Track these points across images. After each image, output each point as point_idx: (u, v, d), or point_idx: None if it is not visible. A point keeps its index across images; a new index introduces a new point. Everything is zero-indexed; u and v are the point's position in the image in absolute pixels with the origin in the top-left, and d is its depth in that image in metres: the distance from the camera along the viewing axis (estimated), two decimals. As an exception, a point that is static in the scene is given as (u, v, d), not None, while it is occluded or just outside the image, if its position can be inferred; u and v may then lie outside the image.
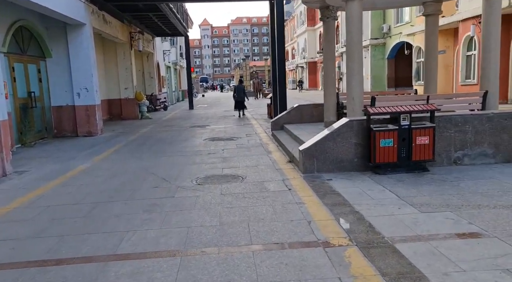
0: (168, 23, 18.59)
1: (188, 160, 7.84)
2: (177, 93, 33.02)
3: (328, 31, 9.15)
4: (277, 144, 9.18)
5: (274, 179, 5.86)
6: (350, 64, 6.96)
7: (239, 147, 9.17)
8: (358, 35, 6.91)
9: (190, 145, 9.80)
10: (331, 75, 9.28)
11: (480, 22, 16.66)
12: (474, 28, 16.67)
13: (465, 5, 17.60)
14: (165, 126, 14.33)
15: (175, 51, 31.83)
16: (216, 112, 20.18)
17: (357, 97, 6.98)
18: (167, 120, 16.93)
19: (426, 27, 9.16)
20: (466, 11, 17.26)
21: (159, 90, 23.88)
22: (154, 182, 6.04)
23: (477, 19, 16.66)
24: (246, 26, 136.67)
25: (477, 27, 16.66)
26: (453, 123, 5.88)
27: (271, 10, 13.18)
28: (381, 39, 28.85)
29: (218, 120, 15.98)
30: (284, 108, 12.15)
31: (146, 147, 9.78)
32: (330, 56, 9.24)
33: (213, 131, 12.23)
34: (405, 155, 5.65)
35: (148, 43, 21.02)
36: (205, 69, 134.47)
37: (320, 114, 10.35)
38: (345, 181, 5.52)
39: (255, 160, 7.51)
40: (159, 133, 12.43)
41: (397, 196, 4.65)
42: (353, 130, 5.95)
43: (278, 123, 10.60)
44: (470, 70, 17.77)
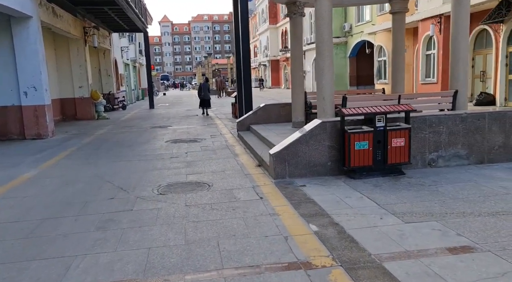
0: (126, 18, 17.63)
1: (148, 165, 7.24)
2: (137, 91, 31.79)
3: (295, 27, 8.81)
4: (244, 146, 8.74)
5: (244, 186, 5.42)
6: (320, 63, 6.64)
7: (204, 149, 8.66)
8: (328, 32, 6.60)
9: (151, 147, 9.16)
10: (298, 74, 8.95)
11: (439, 22, 17.10)
12: (433, 28, 16.99)
13: (424, 5, 17.94)
14: (124, 127, 13.52)
15: (134, 48, 30.59)
16: (178, 112, 19.44)
17: (328, 97, 6.67)
18: (126, 120, 16.05)
19: (393, 25, 9.04)
20: (425, 11, 17.57)
21: (117, 88, 22.76)
22: (110, 192, 5.42)
23: (435, 18, 17.01)
24: (207, 23, 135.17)
25: (436, 27, 17.02)
26: (428, 124, 5.69)
27: (234, 7, 12.70)
28: (342, 37, 29.10)
29: (181, 120, 15.32)
30: (249, 108, 11.73)
31: (102, 150, 9.03)
32: (298, 54, 8.91)
33: (176, 133, 11.61)
34: (380, 158, 5.39)
35: (104, 39, 19.91)
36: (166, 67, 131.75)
37: (287, 114, 10.02)
38: (319, 187, 5.17)
39: (222, 164, 7.03)
40: (117, 135, 11.65)
41: (377, 203, 4.35)
42: (327, 132, 5.62)
43: (244, 123, 10.17)
44: (430, 69, 18.14)
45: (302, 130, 5.80)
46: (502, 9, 12.69)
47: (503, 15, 12.79)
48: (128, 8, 14.59)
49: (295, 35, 8.84)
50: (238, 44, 12.64)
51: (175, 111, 19.72)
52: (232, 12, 53.61)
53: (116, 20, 18.03)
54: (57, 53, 16.01)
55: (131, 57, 28.96)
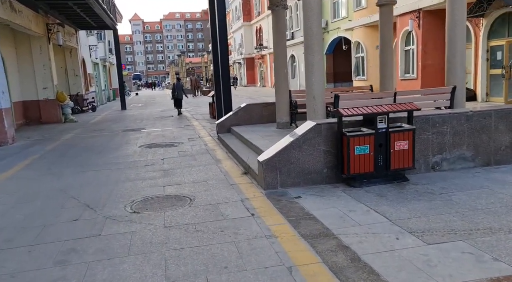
0: (93, 14, 16.54)
1: (120, 175, 6.45)
2: (107, 92, 30.46)
3: (278, 21, 8.19)
4: (226, 150, 8.05)
5: (231, 199, 4.75)
6: (309, 58, 6.04)
7: (182, 155, 7.92)
8: (317, 24, 6.01)
9: (123, 154, 8.34)
10: (282, 71, 8.34)
11: (418, 17, 16.88)
12: (412, 23, 16.75)
13: (402, 0, 17.69)
14: (93, 131, 12.56)
15: (103, 46, 29.24)
16: (152, 113, 18.51)
17: (319, 96, 6.08)
18: (96, 123, 15.03)
19: (381, 18, 8.56)
20: (403, 5, 17.31)
21: (86, 89, 21.55)
22: (74, 211, 4.64)
23: (414, 13, 16.78)
24: (179, 21, 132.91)
25: (415, 22, 16.79)
26: (431, 124, 5.18)
27: (210, 3, 11.96)
28: (319, 34, 28.70)
29: (155, 121, 14.45)
30: (229, 108, 11.04)
31: (67, 158, 8.15)
32: (281, 50, 8.30)
33: (150, 136, 10.79)
34: (382, 164, 4.83)
35: (70, 37, 18.72)
36: (138, 66, 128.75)
37: (270, 115, 9.40)
38: (317, 198, 4.56)
39: (203, 172, 6.33)
40: (85, 140, 10.72)
41: (387, 218, 3.78)
42: (322, 135, 5.02)
43: (225, 125, 9.48)
44: (409, 65, 17.93)
45: (293, 134, 5.18)
46: (483, 3, 12.49)
47: (484, 9, 12.61)
48: (94, 2, 13.59)
49: (277, 29, 8.22)
50: (215, 41, 11.91)
51: (148, 112, 18.77)
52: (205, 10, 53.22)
53: (83, 16, 16.91)
54: (18, 52, 14.79)
55: (101, 56, 27.65)
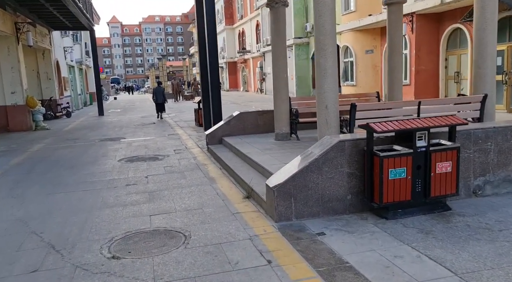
0: (67, 13, 15.30)
1: (96, 198, 5.39)
2: (84, 96, 28.93)
3: (277, 20, 7.29)
4: (219, 165, 7.07)
5: (237, 237, 3.79)
6: (321, 62, 5.16)
7: (169, 171, 6.90)
8: (331, 21, 5.16)
9: (100, 170, 7.25)
10: (282, 76, 7.43)
11: (411, 21, 16.34)
12: (405, 27, 16.17)
13: (394, 4, 17.14)
14: (67, 141, 11.35)
15: (80, 48, 27.80)
16: (132, 119, 17.31)
17: (332, 105, 5.21)
18: (70, 131, 13.78)
19: (389, 19, 7.78)
20: (396, 9, 16.77)
21: (61, 93, 20.15)
22: (34, 255, 3.59)
23: (407, 17, 16.22)
24: (159, 25, 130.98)
25: (408, 26, 16.24)
26: (473, 140, 4.36)
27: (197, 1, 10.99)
28: (304, 38, 28.08)
29: (136, 129, 13.33)
30: (218, 115, 10.07)
31: (34, 175, 7.01)
32: (281, 52, 7.40)
33: (131, 147, 9.70)
34: (420, 190, 3.97)
35: (42, 38, 17.38)
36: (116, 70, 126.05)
37: (266, 124, 8.50)
38: (345, 235, 3.65)
39: (197, 194, 5.35)
40: (57, 151, 9.54)
41: (451, 271, 2.89)
42: (345, 154, 4.12)
43: (216, 136, 8.51)
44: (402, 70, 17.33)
45: (309, 153, 4.26)
46: (484, 6, 11.94)
47: (485, 13, 12.05)
48: (69, 0, 12.41)
49: (277, 29, 7.31)
50: (202, 40, 10.94)
51: (128, 119, 17.56)
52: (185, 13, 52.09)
53: (56, 15, 15.64)
54: (-18, 53, 13.45)
55: (77, 58, 26.20)
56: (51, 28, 18.79)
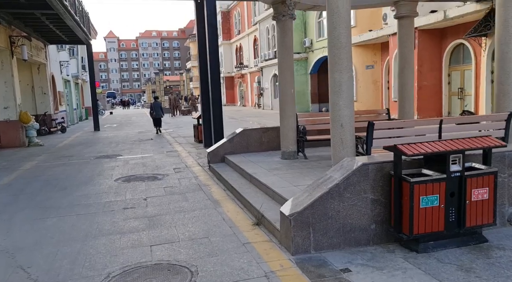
0: (64, 26, 14.99)
1: (91, 225, 4.94)
2: (80, 111, 28.49)
3: (284, 33, 6.97)
4: (223, 186, 6.64)
5: (250, 274, 3.34)
6: (336, 77, 4.81)
7: (170, 192, 6.45)
8: (346, 34, 4.81)
9: (95, 190, 6.80)
10: (289, 91, 7.07)
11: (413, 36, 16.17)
12: (407, 42, 16.02)
13: (395, 19, 17.02)
14: (60, 158, 10.88)
15: (76, 63, 27.47)
16: (128, 135, 16.87)
17: (348, 123, 4.83)
18: (65, 147, 13.31)
19: (400, 33, 7.49)
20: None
21: (56, 108, 19.73)
22: (19, 297, 3.13)
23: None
24: (156, 39, 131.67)
25: (410, 41, 16.07)
26: (507, 163, 3.98)
27: (198, 13, 10.73)
28: (303, 53, 27.97)
29: (133, 146, 12.88)
30: (220, 132, 9.70)
31: (24, 197, 6.54)
32: (287, 66, 7.05)
33: (128, 165, 9.25)
34: (454, 219, 3.57)
35: (38, 52, 17.03)
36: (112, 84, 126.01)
37: (271, 141, 8.11)
38: (374, 272, 3.22)
39: (201, 220, 4.90)
40: (49, 169, 9.07)
41: (508, 320, 2.47)
42: (369, 179, 3.73)
43: (218, 154, 8.09)
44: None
45: (329, 178, 3.86)
46: (489, 21, 11.77)
47: (490, 28, 11.88)
48: (65, 13, 12.09)
49: (284, 42, 6.99)
50: (203, 53, 10.65)
51: (124, 134, 17.12)
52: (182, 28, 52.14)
53: (52, 29, 15.33)
54: (-26, 66, 13.06)
55: (73, 73, 25.86)
56: (47, 42, 18.47)
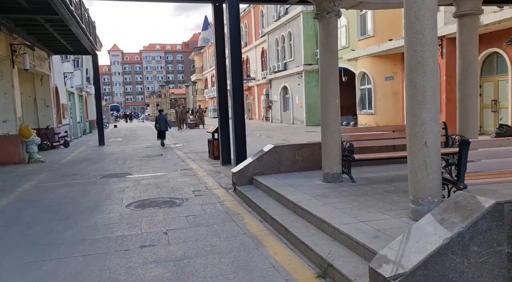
0: (69, 35, 14.07)
1: (101, 273, 3.81)
2: (83, 124, 27.50)
3: (328, 33, 5.92)
4: (257, 216, 5.50)
5: None
6: (418, 81, 3.75)
7: (194, 223, 5.33)
8: (431, 28, 3.75)
9: (105, 220, 5.68)
10: (333, 102, 5.99)
11: (441, 45, 15.17)
12: (434, 51, 15.02)
13: (419, 27, 16.05)
14: (63, 177, 9.79)
15: (80, 74, 26.59)
16: (136, 150, 15.80)
17: (433, 141, 3.76)
18: (68, 164, 12.24)
19: (460, 34, 6.43)
20: (422, 33, 15.67)
21: (59, 122, 18.71)
22: None
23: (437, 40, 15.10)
24: (159, 53, 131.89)
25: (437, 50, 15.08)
26: None
27: (216, 16, 9.77)
28: (315, 65, 27.03)
29: (142, 163, 11.79)
30: (242, 148, 8.62)
31: (18, 228, 5.43)
32: (332, 72, 5.98)
33: (140, 186, 8.14)
34: None
35: (41, 62, 16.10)
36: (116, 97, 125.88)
37: (305, 160, 7.02)
38: None
39: (244, 268, 3.77)
40: (51, 191, 7.97)
41: None
42: (504, 225, 2.61)
43: (245, 174, 6.98)
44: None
45: (442, 221, 2.74)
46: (534, 27, 10.78)
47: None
48: (71, 19, 11.14)
49: (327, 44, 5.94)
50: (221, 63, 9.68)
51: (131, 149, 16.05)
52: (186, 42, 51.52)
53: (57, 38, 14.40)
54: (-29, 76, 12.10)
55: (77, 84, 24.95)
56: (51, 52, 17.56)
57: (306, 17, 26.87)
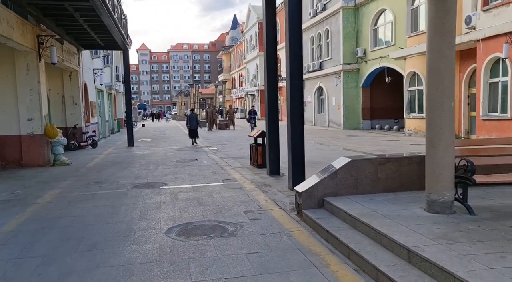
0: (100, 27, 12.98)
1: None
2: (111, 123, 26.69)
3: (442, 13, 4.33)
4: (347, 260, 4.01)
5: None
6: None
7: (259, 267, 3.88)
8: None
9: (139, 256, 4.32)
10: (447, 105, 4.42)
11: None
12: (507, 48, 13.13)
13: (487, 21, 14.15)
14: (90, 185, 8.59)
15: (110, 72, 25.79)
16: (167, 152, 14.58)
17: None
18: (95, 168, 11.08)
19: None
20: (490, 27, 13.78)
21: (87, 120, 17.78)
22: None
23: (509, 36, 13.20)
24: (187, 52, 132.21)
25: (511, 47, 13.18)
26: None
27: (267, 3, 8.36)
28: (354, 64, 25.28)
29: (177, 169, 10.48)
30: (300, 159, 7.14)
31: (29, 265, 4.12)
32: (447, 64, 4.44)
33: (178, 201, 6.79)
34: None
35: (71, 57, 15.13)
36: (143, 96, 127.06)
37: (390, 178, 5.48)
38: None
39: None
40: (74, 206, 6.72)
41: None
42: None
43: (313, 195, 5.50)
44: (497, 101, 14.16)
45: None
46: None
47: None
48: (102, 7, 9.97)
49: (442, 26, 4.37)
50: (271, 51, 8.28)
51: (162, 152, 14.84)
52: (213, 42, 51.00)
53: (87, 30, 13.34)
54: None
55: (106, 82, 24.08)
56: (80, 47, 16.60)
57: (346, 14, 25.15)
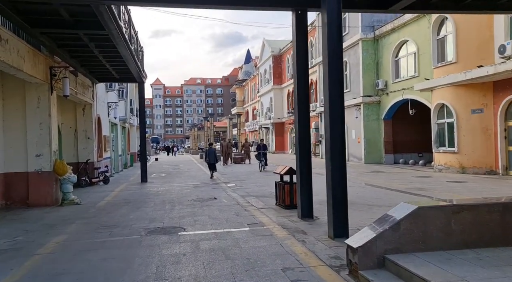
0: (115, 59, 12.45)
1: None
2: (124, 157, 26.01)
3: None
4: None
5: None
6: None
7: None
8: None
9: None
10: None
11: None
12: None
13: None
14: (99, 229, 7.62)
15: (124, 105, 25.40)
16: (183, 189, 13.62)
17: None
18: (106, 208, 10.14)
19: None
20: (529, 55, 12.88)
21: (99, 155, 17.04)
22: None
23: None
24: (200, 86, 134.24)
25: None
26: None
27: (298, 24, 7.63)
28: (374, 96, 24.46)
29: (195, 209, 9.48)
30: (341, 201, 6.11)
31: None
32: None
33: (200, 253, 5.75)
34: None
35: (84, 90, 14.61)
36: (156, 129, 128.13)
37: (467, 231, 4.44)
38: None
39: None
40: (81, 257, 5.74)
41: None
42: None
43: (372, 251, 4.43)
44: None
45: None
46: None
47: None
48: (118, 36, 9.38)
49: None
50: (302, 80, 7.51)
51: (178, 189, 13.89)
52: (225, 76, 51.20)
53: (102, 62, 12.83)
54: (5, 103, 10.49)
55: (121, 115, 23.61)
56: (95, 80, 16.14)
57: (366, 45, 24.62)
